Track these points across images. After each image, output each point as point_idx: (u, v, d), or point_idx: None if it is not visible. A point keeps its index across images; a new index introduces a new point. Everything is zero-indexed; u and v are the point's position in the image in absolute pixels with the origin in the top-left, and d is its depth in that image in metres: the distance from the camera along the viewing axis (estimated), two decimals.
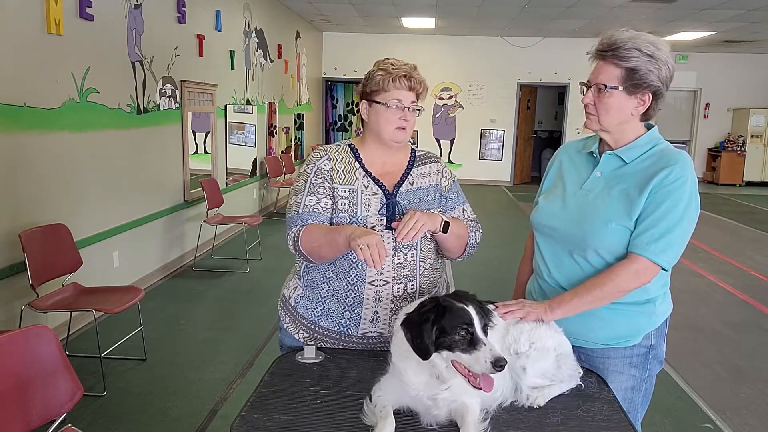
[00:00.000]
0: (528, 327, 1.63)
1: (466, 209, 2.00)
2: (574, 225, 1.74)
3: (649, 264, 1.64)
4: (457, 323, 1.40)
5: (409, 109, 1.84)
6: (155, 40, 5.43)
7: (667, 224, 1.63)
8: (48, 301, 3.55)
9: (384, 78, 1.83)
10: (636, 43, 1.64)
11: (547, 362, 1.59)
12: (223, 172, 7.32)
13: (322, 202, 1.84)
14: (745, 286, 6.00)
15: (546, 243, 1.85)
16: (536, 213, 1.88)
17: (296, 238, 1.79)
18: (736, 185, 14.00)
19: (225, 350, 4.09)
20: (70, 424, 2.06)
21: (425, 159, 1.99)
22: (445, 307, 1.42)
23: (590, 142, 1.86)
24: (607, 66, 1.67)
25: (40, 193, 3.97)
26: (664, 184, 1.64)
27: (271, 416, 1.49)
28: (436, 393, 1.44)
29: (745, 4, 8.50)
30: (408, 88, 1.83)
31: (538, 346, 1.59)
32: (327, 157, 1.89)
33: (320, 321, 1.89)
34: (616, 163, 1.75)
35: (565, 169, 1.88)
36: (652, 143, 1.73)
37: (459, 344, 1.39)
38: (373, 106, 1.87)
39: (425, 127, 13.40)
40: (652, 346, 1.79)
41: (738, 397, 3.64)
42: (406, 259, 1.85)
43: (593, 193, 1.75)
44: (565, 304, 1.68)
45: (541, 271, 1.87)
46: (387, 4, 9.55)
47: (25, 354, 1.94)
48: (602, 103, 1.69)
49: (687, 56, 13.77)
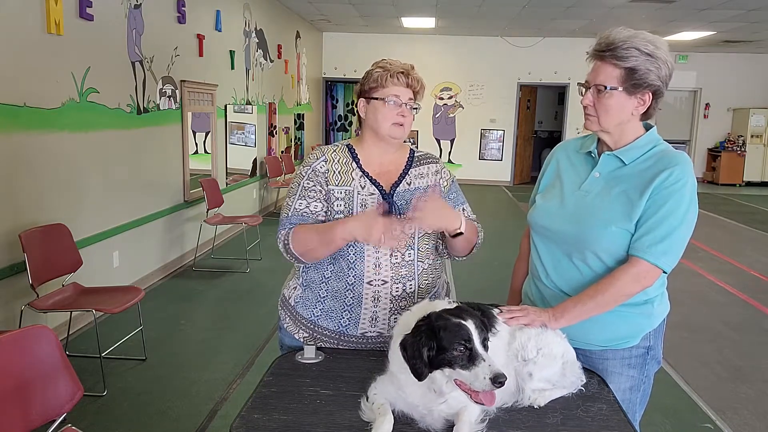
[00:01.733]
0: (534, 333, 1.62)
1: (465, 209, 1.99)
2: (572, 225, 1.73)
3: (650, 267, 1.63)
4: (455, 339, 1.37)
5: (406, 105, 1.85)
6: (155, 40, 5.43)
7: (668, 227, 1.62)
8: (48, 301, 3.55)
9: (382, 74, 1.84)
10: (635, 42, 1.63)
11: (554, 369, 1.58)
12: (223, 172, 7.32)
13: (312, 205, 1.84)
14: (745, 286, 6.00)
15: (543, 244, 1.83)
16: (533, 212, 1.87)
17: (286, 241, 1.80)
18: (736, 185, 14.00)
19: (225, 350, 4.10)
20: (70, 424, 2.06)
21: (424, 159, 1.98)
22: (438, 327, 1.40)
23: (588, 142, 1.84)
24: (606, 66, 1.65)
25: (40, 193, 3.97)
26: (665, 185, 1.62)
27: (271, 416, 1.49)
28: (432, 405, 1.43)
29: (745, 4, 8.50)
30: (405, 85, 1.84)
31: (546, 352, 1.58)
32: (324, 158, 1.89)
33: (319, 321, 1.89)
34: (615, 164, 1.73)
35: (563, 168, 1.86)
36: (652, 144, 1.72)
37: (458, 360, 1.37)
38: (371, 102, 1.87)
39: (425, 127, 13.40)
40: (650, 347, 1.79)
41: (738, 397, 3.64)
42: (404, 259, 1.84)
43: (592, 193, 1.74)
44: (568, 312, 1.67)
45: (539, 273, 1.85)
46: (387, 4, 9.55)
47: (25, 354, 1.94)
48: (602, 103, 1.68)
49: (687, 56, 13.77)
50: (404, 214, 1.82)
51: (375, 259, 1.82)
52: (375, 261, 1.82)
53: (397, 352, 1.46)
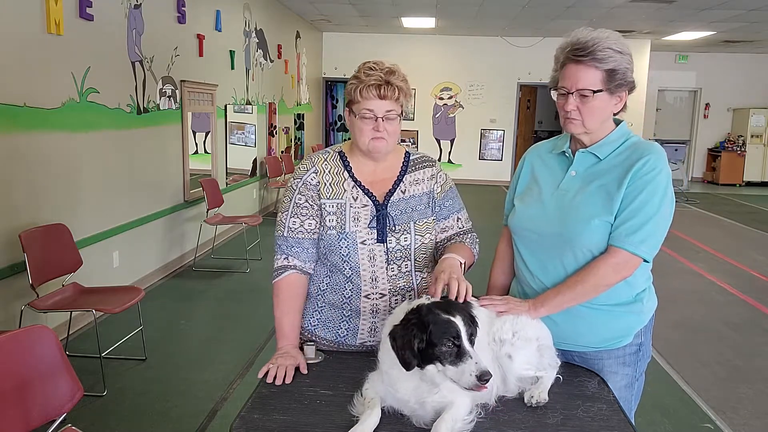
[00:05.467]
0: (511, 317, 1.64)
1: (461, 218, 1.93)
2: (556, 225, 1.73)
3: (629, 256, 1.64)
4: (444, 336, 1.39)
5: (383, 118, 1.74)
6: (155, 40, 5.43)
7: (645, 216, 1.63)
8: (48, 301, 3.55)
9: (355, 87, 1.74)
10: (605, 42, 1.63)
11: (530, 351, 1.60)
12: (223, 172, 7.32)
13: (306, 224, 1.81)
14: (745, 286, 5.99)
15: (527, 248, 1.82)
16: (515, 217, 1.85)
17: (275, 277, 1.83)
18: (736, 185, 13.99)
19: (225, 350, 4.10)
20: (70, 424, 2.06)
21: (419, 163, 1.90)
22: (428, 321, 1.41)
23: (560, 142, 1.84)
24: (587, 69, 1.65)
25: (40, 193, 3.97)
26: (640, 174, 1.64)
27: (271, 416, 1.49)
28: (424, 398, 1.43)
29: (745, 4, 8.50)
30: (379, 98, 1.73)
31: (522, 335, 1.60)
32: (314, 169, 1.84)
33: (317, 331, 1.88)
34: (591, 160, 1.75)
35: (538, 171, 1.86)
36: (624, 138, 1.74)
37: (446, 356, 1.38)
38: (351, 115, 1.80)
39: (425, 127, 13.41)
40: (642, 343, 1.80)
41: (738, 397, 3.64)
42: (401, 271, 1.81)
43: (571, 192, 1.74)
44: (549, 301, 1.68)
45: (525, 277, 1.84)
46: (387, 4, 9.55)
47: (25, 354, 1.94)
48: (587, 107, 1.67)
49: (687, 56, 13.77)
50: (398, 225, 1.80)
51: (371, 273, 1.79)
52: (371, 275, 1.79)
53: (387, 352, 1.46)
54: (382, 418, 1.45)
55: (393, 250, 1.80)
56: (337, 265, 1.81)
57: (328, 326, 1.86)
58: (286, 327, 1.81)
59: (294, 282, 1.82)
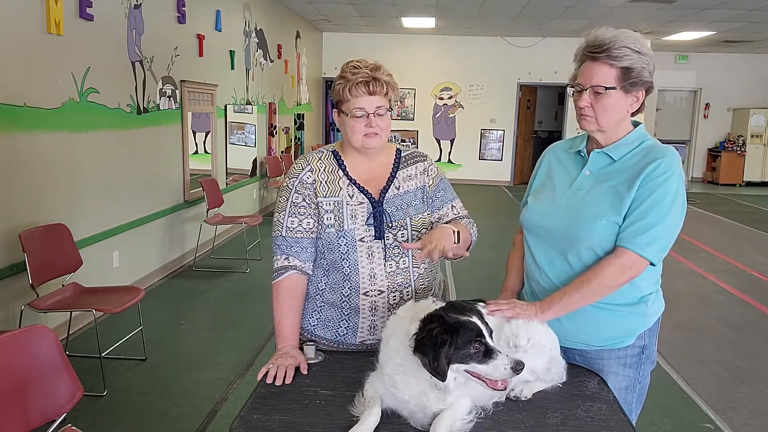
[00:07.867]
0: (523, 322, 1.63)
1: (455, 206, 1.96)
2: (564, 223, 1.74)
3: (635, 257, 1.63)
4: (470, 338, 1.39)
5: (374, 114, 1.77)
6: (155, 40, 5.43)
7: (654, 217, 1.62)
8: (48, 301, 3.55)
9: (343, 87, 1.76)
10: (623, 41, 1.64)
11: (542, 360, 1.59)
12: (223, 172, 7.32)
13: (304, 223, 1.82)
14: (745, 286, 5.99)
15: (537, 244, 1.83)
16: (526, 213, 1.87)
17: (275, 277, 1.83)
18: (736, 185, 13.99)
19: (225, 350, 4.09)
20: (70, 424, 2.06)
21: (411, 159, 1.93)
22: (455, 326, 1.40)
23: (577, 142, 1.86)
24: (602, 66, 1.66)
25: (40, 193, 3.97)
26: (652, 176, 1.64)
27: (271, 416, 1.49)
28: (428, 405, 1.42)
29: (745, 4, 8.50)
30: (369, 94, 1.76)
31: (536, 342, 1.60)
32: (309, 168, 1.85)
33: (316, 330, 1.88)
34: (605, 160, 1.75)
35: (554, 169, 1.87)
36: (640, 140, 1.74)
37: (474, 357, 1.38)
38: (341, 115, 1.82)
39: (425, 127, 13.41)
40: (645, 346, 1.79)
41: (738, 397, 3.64)
42: (399, 267, 1.82)
43: (583, 191, 1.75)
44: (555, 303, 1.68)
45: (533, 273, 1.85)
46: (387, 4, 9.55)
47: (25, 354, 1.94)
48: (600, 104, 1.68)
49: (687, 56, 13.76)
50: (394, 222, 1.81)
51: (370, 270, 1.80)
52: (370, 272, 1.80)
53: (389, 355, 1.46)
54: (382, 418, 1.45)
55: (390, 247, 1.81)
56: (335, 263, 1.81)
57: (328, 326, 1.87)
58: (286, 328, 1.81)
59: (294, 282, 1.83)
